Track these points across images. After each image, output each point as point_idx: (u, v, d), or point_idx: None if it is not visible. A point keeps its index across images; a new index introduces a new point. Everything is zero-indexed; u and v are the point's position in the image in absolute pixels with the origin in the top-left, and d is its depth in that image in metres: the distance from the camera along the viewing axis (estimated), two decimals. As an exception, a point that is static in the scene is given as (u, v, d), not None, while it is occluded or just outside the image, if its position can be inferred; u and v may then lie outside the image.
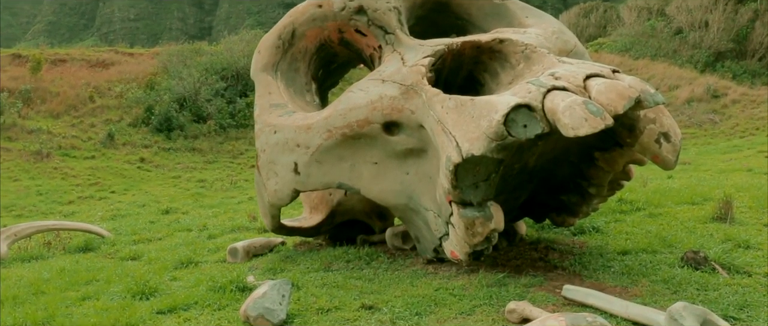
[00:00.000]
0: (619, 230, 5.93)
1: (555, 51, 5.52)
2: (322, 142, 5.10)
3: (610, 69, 4.00)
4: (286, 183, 5.31)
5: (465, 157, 3.94)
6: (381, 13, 5.76)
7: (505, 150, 3.90)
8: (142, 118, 23.60)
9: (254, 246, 6.59)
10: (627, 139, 4.24)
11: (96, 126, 22.85)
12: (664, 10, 30.04)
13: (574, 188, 5.05)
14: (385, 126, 4.92)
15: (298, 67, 6.21)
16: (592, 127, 3.52)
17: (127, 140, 22.00)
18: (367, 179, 5.10)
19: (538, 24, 6.01)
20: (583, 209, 5.13)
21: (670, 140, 4.09)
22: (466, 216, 4.15)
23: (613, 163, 4.56)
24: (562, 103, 3.63)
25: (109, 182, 17.89)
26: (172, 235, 8.77)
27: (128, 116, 23.74)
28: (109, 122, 23.02)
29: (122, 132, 22.52)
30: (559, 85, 3.80)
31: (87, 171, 18.64)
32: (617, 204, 7.08)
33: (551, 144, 4.53)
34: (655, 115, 4.11)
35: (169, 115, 23.16)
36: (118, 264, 6.75)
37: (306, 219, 6.74)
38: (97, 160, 19.97)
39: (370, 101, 4.95)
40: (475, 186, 4.18)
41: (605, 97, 3.65)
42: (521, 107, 3.81)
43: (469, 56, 5.27)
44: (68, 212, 13.68)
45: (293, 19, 5.98)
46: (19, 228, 8.26)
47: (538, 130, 3.78)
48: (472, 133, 3.97)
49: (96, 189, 16.95)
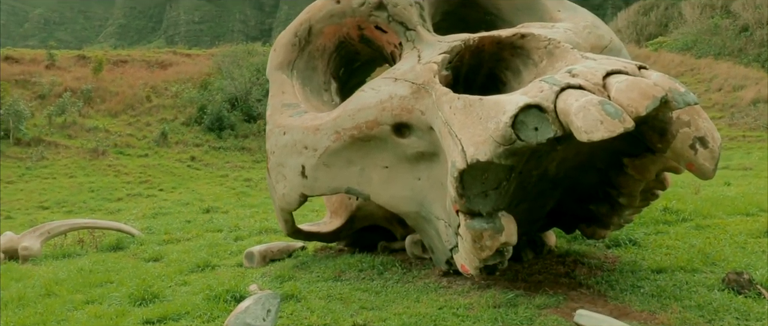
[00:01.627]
0: (659, 243, 5.40)
1: (586, 47, 5.08)
2: (330, 144, 4.82)
3: (635, 65, 3.54)
4: (294, 187, 5.06)
5: (470, 163, 3.58)
6: (401, 9, 5.43)
7: (514, 155, 3.51)
8: (195, 117, 24.07)
9: (272, 250, 6.39)
10: (657, 144, 3.76)
11: (151, 125, 23.43)
12: (729, 6, 28.38)
13: (604, 197, 4.58)
14: (395, 127, 4.59)
15: (316, 65, 5.95)
16: (608, 130, 3.09)
17: (180, 139, 22.44)
18: (377, 184, 4.79)
19: (570, 18, 5.56)
20: (614, 220, 4.66)
21: (707, 145, 3.58)
22: (473, 227, 3.77)
23: (643, 171, 4.09)
24: (576, 104, 3.21)
25: (158, 180, 18.24)
26: (201, 236, 8.72)
27: (182, 115, 24.24)
28: (164, 121, 23.54)
29: (175, 131, 23.00)
30: (574, 84, 3.38)
31: (139, 169, 19.07)
32: (661, 213, 6.51)
33: (573, 149, 4.10)
34: (690, 118, 3.61)
35: (220, 115, 23.52)
36: (138, 265, 6.69)
37: (325, 224, 6.49)
38: (150, 158, 20.42)
39: (379, 101, 4.64)
40: (483, 195, 3.80)
41: (626, 96, 3.21)
42: (531, 108, 3.41)
43: (489, 53, 4.88)
44: (115, 209, 13.96)
45: (310, 16, 5.74)
46: (52, 225, 8.37)
47: (549, 134, 3.37)
48: (479, 137, 3.60)
49: (145, 187, 17.29)
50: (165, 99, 25.61)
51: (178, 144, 22.13)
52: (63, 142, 20.16)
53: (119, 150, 20.66)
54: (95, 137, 20.84)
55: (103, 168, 18.71)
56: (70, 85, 24.61)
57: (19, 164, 18.05)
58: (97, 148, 20.02)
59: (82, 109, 23.19)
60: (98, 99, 24.53)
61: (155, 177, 18.55)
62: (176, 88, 25.90)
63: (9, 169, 17.47)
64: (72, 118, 22.17)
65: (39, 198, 15.06)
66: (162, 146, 21.73)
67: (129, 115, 24.03)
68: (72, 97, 23.29)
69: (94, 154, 19.73)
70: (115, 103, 24.45)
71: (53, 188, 16.09)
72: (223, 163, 20.83)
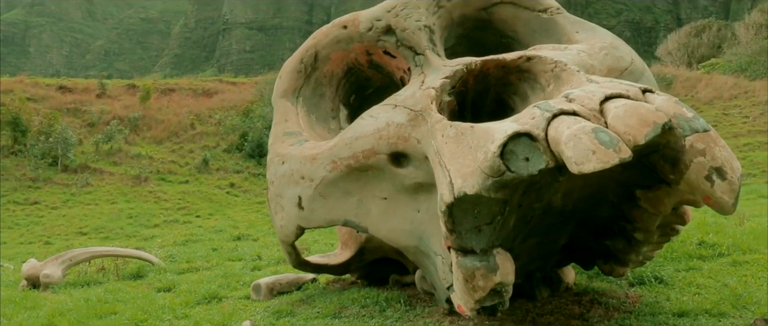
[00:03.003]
0: (688, 282, 4.95)
1: (603, 69, 4.76)
2: (327, 174, 4.62)
3: (639, 88, 3.22)
4: (291, 218, 4.87)
5: (457, 196, 3.30)
6: (410, 33, 5.23)
7: (505, 188, 3.22)
8: (237, 144, 24.39)
9: (280, 283, 6.20)
10: (670, 175, 3.40)
11: (194, 151, 23.84)
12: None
13: (619, 232, 4.21)
14: (393, 157, 4.35)
15: (324, 92, 5.79)
16: (601, 161, 2.78)
17: (221, 165, 22.73)
18: (376, 216, 4.54)
19: (588, 39, 5.26)
20: (632, 257, 4.27)
21: (725, 177, 3.21)
22: (464, 266, 3.48)
23: (658, 204, 3.71)
24: (567, 132, 2.91)
25: (197, 206, 18.43)
26: (221, 265, 8.62)
27: (224, 142, 24.61)
28: (206, 148, 23.93)
29: (217, 157, 23.32)
30: (568, 109, 3.08)
31: (178, 196, 19.34)
32: (696, 248, 6.02)
33: (579, 180, 3.76)
34: (705, 146, 3.25)
35: (261, 141, 23.73)
36: (148, 295, 6.59)
37: (336, 256, 6.26)
38: (190, 185, 20.71)
39: (377, 129, 4.42)
40: (477, 231, 3.50)
41: (623, 123, 2.89)
42: (521, 136, 3.12)
43: (495, 77, 4.61)
44: (149, 235, 14.10)
45: (316, 42, 5.59)
46: (74, 253, 8.42)
47: (541, 165, 3.07)
48: (468, 167, 3.33)
49: (183, 213, 17.48)
50: (208, 126, 26.09)
51: (218, 170, 22.42)
52: (108, 169, 20.68)
53: (161, 176, 21.05)
54: (139, 164, 21.32)
55: (144, 195, 19.05)
56: (119, 113, 25.37)
57: (65, 190, 18.56)
58: (139, 175, 20.45)
59: (128, 137, 23.83)
60: (145, 126, 25.17)
61: (194, 203, 18.76)
62: (220, 115, 26.37)
63: (55, 195, 17.98)
64: (118, 145, 22.78)
65: (79, 224, 15.38)
66: (203, 172, 22.04)
67: (173, 142, 24.55)
68: (119, 124, 23.97)
69: (137, 180, 20.14)
70: (160, 131, 25.03)
71: (94, 214, 16.43)
72: (261, 190, 20.94)
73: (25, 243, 13.60)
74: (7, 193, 17.45)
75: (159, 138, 24.61)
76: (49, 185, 18.67)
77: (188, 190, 20.05)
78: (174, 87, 31.51)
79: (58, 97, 25.30)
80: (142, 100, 26.89)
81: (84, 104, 25.35)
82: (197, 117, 26.57)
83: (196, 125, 25.91)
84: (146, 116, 25.79)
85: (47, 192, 18.04)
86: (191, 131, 25.45)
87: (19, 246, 13.18)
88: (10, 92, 23.20)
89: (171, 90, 30.92)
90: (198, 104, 28.16)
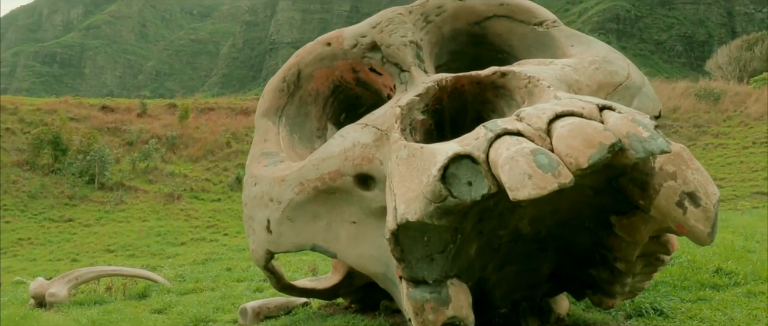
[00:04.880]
0: (691, 314, 4.52)
1: (592, 85, 4.45)
2: (294, 197, 4.42)
3: (597, 104, 2.91)
4: (260, 242, 4.69)
5: (399, 223, 3.05)
6: (395, 49, 5.02)
7: (449, 214, 2.95)
8: (270, 162, 24.51)
9: (268, 307, 6.01)
10: (639, 200, 3.08)
11: (228, 169, 24.09)
12: None
13: (601, 261, 3.87)
14: (359, 179, 4.13)
15: (309, 111, 5.62)
16: (537, 187, 2.49)
17: (253, 184, 22.84)
18: (345, 241, 4.31)
19: (582, 53, 4.94)
20: (617, 289, 3.91)
21: (698, 203, 2.87)
22: (414, 298, 3.22)
23: (633, 232, 3.37)
24: (505, 154, 2.64)
25: (225, 225, 18.52)
26: (226, 286, 8.51)
27: (257, 160, 24.76)
28: (241, 166, 24.11)
29: (250, 176, 23.45)
30: (512, 129, 2.80)
31: (209, 213, 19.50)
32: (711, 276, 5.55)
33: (546, 205, 3.47)
34: (676, 168, 2.92)
35: (293, 160, 23.80)
36: (141, 317, 6.51)
37: (326, 279, 6.04)
38: (222, 203, 20.88)
39: (343, 149, 4.22)
40: (429, 260, 3.25)
41: (565, 144, 2.60)
42: (463, 158, 2.86)
43: (471, 94, 4.35)
44: (173, 254, 14.18)
45: (299, 60, 5.44)
46: (80, 272, 8.46)
47: (483, 190, 2.79)
48: (412, 192, 3.08)
49: (211, 231, 17.58)
50: (244, 144, 26.35)
51: (251, 188, 22.53)
52: (142, 187, 21.07)
53: (194, 194, 21.31)
54: (173, 182, 21.65)
55: (176, 213, 19.28)
56: (157, 132, 25.92)
57: (99, 208, 18.96)
58: (172, 193, 20.75)
59: (165, 155, 24.29)
60: (182, 145, 25.63)
61: (223, 221, 18.87)
62: (255, 133, 26.62)
63: (89, 213, 18.38)
64: (154, 163, 23.23)
65: (108, 242, 15.63)
66: (235, 191, 22.20)
67: (208, 160, 24.89)
68: (157, 143, 24.47)
69: (170, 198, 20.43)
70: (196, 149, 25.44)
71: (124, 232, 16.69)
72: (291, 208, 20.96)
73: (53, 260, 13.87)
74: (44, 210, 17.92)
75: (195, 156, 24.99)
76: (84, 203, 19.10)
77: (219, 208, 20.20)
78: (213, 106, 32.07)
79: (100, 117, 26.03)
80: (180, 118, 27.43)
81: (124, 123, 26.00)
82: (233, 135, 26.91)
83: (232, 143, 26.24)
84: (184, 135, 26.26)
85: (82, 209, 18.45)
86: (227, 149, 25.77)
87: (47, 263, 13.45)
88: (55, 112, 23.98)
89: (210, 109, 31.47)
90: (235, 123, 28.54)
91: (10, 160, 20.68)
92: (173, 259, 13.30)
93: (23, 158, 20.72)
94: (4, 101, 24.98)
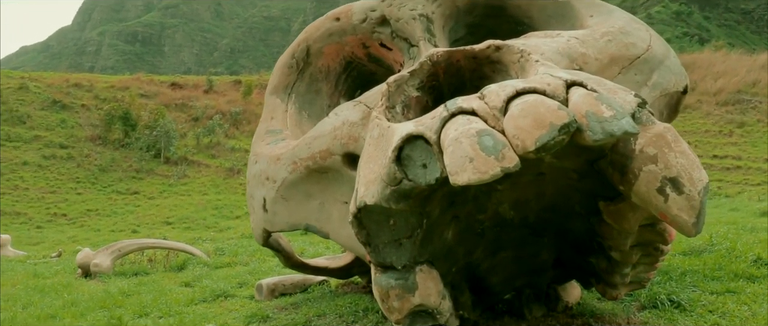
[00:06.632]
0: (713, 307, 4.17)
1: (602, 58, 4.14)
2: (287, 176, 4.36)
3: (565, 80, 2.64)
4: (258, 221, 4.67)
5: (358, 206, 2.92)
6: (404, 23, 4.86)
7: (407, 198, 2.79)
8: (328, 138, 24.75)
9: (284, 284, 6.04)
10: (619, 185, 2.81)
11: (288, 145, 24.45)
12: None
13: (598, 249, 3.60)
14: (348, 157, 4.03)
15: (320, 88, 5.53)
16: (478, 172, 2.29)
17: (311, 159, 23.14)
18: (337, 221, 4.22)
19: (600, 23, 4.61)
20: (616, 279, 3.65)
21: (681, 190, 2.58)
22: (379, 284, 3.09)
23: (621, 220, 3.11)
24: (451, 134, 2.45)
25: (281, 199, 18.85)
26: (260, 261, 8.65)
27: (317, 136, 25.05)
28: (299, 142, 24.48)
29: (308, 151, 23.77)
30: (467, 108, 2.60)
31: (266, 188, 19.90)
32: (748, 265, 5.12)
33: (529, 188, 3.26)
34: (657, 151, 2.64)
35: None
36: (166, 289, 6.69)
37: (339, 259, 6.00)
38: (280, 178, 21.25)
39: (333, 128, 4.11)
40: (397, 244, 3.10)
41: (513, 124, 2.37)
42: (417, 139, 2.69)
43: (468, 69, 4.10)
44: (225, 227, 14.58)
45: (307, 36, 5.35)
46: (123, 244, 8.79)
47: (436, 173, 2.62)
48: (372, 174, 2.94)
49: (266, 206, 17.94)
50: (305, 120, 26.68)
51: (309, 164, 22.85)
52: (205, 162, 21.75)
53: (254, 169, 21.79)
54: (234, 156, 22.22)
55: (235, 187, 19.81)
56: (222, 108, 26.63)
57: (164, 181, 19.73)
58: (233, 167, 21.31)
59: (228, 131, 24.94)
60: (244, 121, 26.23)
61: (279, 196, 19.21)
62: (315, 109, 26.92)
63: (153, 186, 19.16)
64: (217, 138, 23.90)
65: (167, 214, 16.25)
66: (294, 166, 22.54)
67: (270, 135, 25.36)
68: (221, 119, 25.16)
69: (230, 172, 21.00)
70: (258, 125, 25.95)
71: (184, 204, 17.30)
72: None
73: (116, 230, 14.56)
74: (112, 183, 18.82)
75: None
76: (150, 176, 19.92)
77: (276, 183, 20.59)
78: (277, 82, 32.55)
79: (169, 93, 26.97)
80: (244, 95, 28.05)
81: (191, 99, 26.84)
82: (294, 111, 27.27)
83: (292, 119, 26.61)
84: (247, 111, 26.86)
85: (148, 183, 19.25)
86: (287, 125, 26.16)
87: (109, 234, 14.13)
88: (127, 89, 25.03)
89: (274, 85, 31.97)
90: (297, 99, 28.90)
91: (85, 135, 21.79)
92: (225, 232, 13.67)
93: (96, 133, 21.78)
94: (80, 78, 26.29)
